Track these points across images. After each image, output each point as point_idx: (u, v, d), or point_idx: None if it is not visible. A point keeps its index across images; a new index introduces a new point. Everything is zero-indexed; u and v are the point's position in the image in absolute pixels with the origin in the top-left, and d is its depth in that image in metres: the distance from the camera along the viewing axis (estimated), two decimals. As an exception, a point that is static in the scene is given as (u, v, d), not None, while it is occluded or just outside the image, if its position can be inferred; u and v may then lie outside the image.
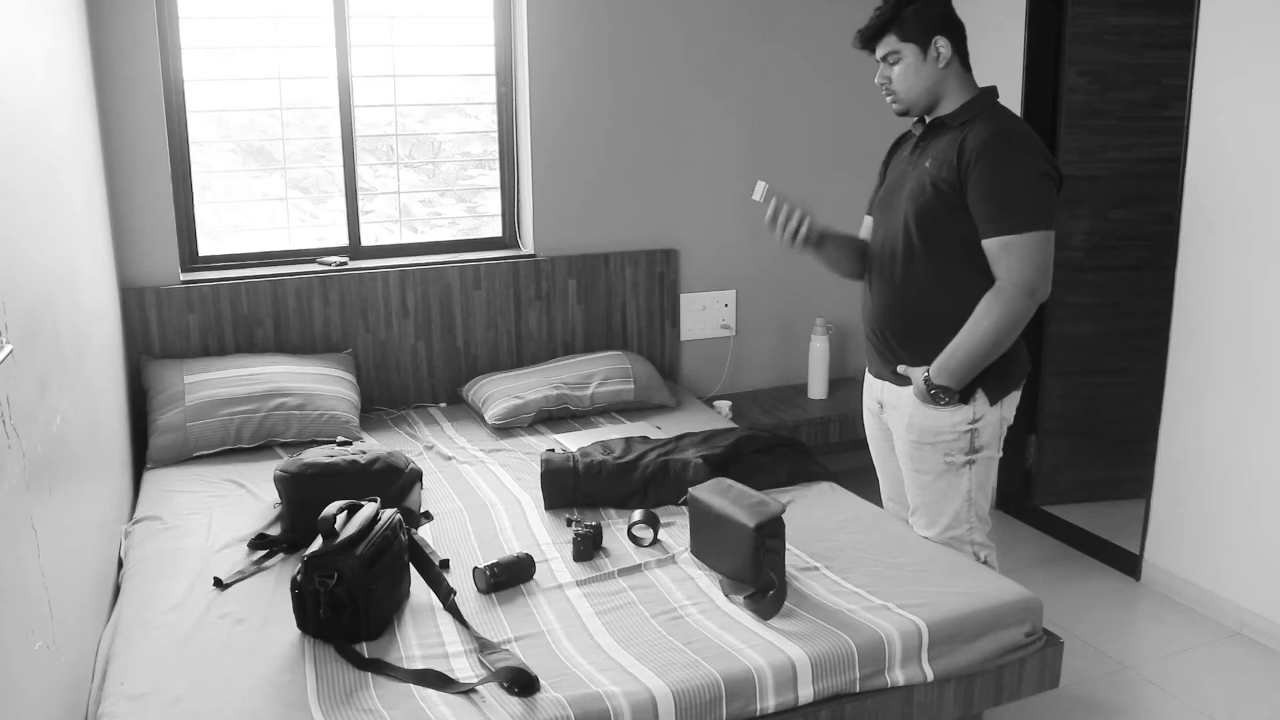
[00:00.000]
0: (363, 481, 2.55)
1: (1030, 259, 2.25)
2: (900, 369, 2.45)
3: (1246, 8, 2.88)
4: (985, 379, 2.37)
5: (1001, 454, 2.49)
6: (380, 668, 1.98)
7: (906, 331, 2.44)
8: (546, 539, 2.54)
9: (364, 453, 2.66)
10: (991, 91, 2.40)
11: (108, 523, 2.51)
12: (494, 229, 3.84)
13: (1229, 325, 3.02)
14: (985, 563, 2.52)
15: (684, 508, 2.52)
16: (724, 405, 3.80)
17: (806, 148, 4.03)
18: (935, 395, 2.36)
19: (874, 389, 2.61)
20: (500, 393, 3.42)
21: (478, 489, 2.86)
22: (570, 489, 2.72)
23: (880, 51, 2.39)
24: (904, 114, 2.45)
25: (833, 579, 2.32)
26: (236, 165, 3.54)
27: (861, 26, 2.41)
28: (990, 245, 2.28)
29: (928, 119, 2.43)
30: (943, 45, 2.33)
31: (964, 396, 2.37)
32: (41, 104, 2.21)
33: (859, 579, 2.31)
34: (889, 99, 2.43)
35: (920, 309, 2.41)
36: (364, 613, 2.06)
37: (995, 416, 2.41)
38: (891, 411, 2.53)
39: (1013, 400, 2.45)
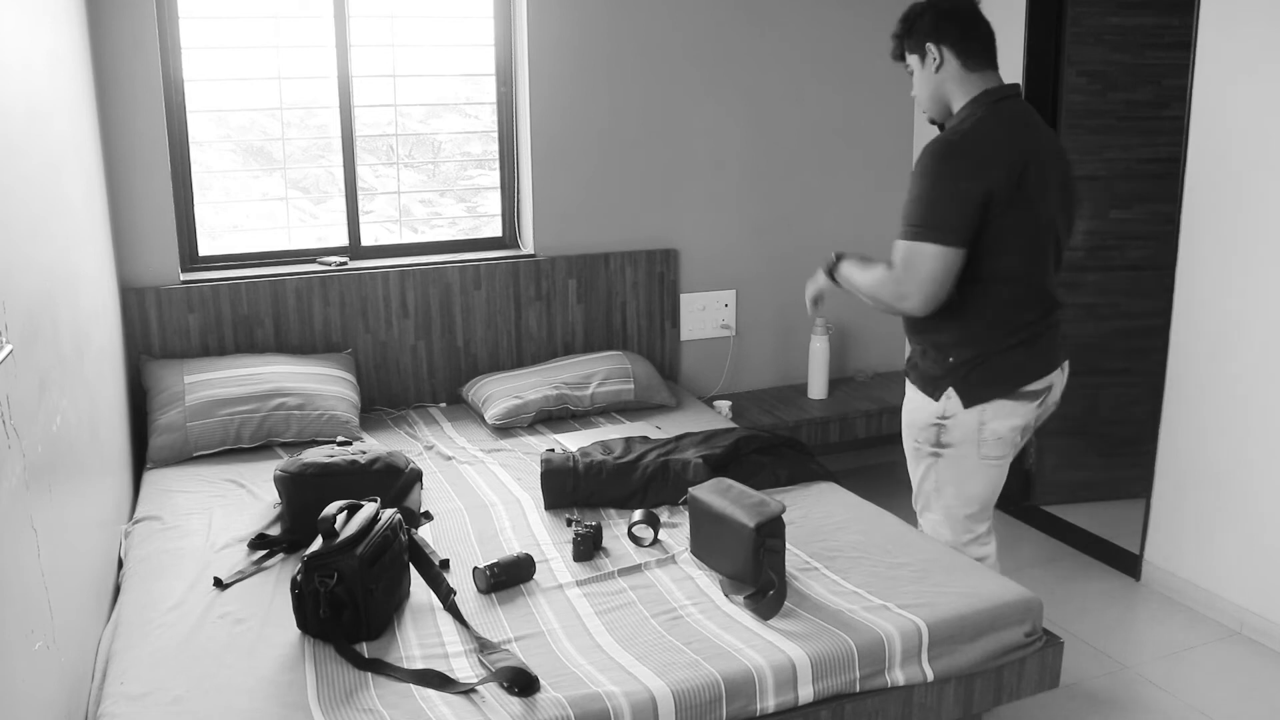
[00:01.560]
0: (363, 481, 2.55)
1: (911, 267, 2.29)
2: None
3: (1246, 8, 2.88)
4: (955, 378, 2.38)
5: (998, 460, 2.44)
6: (380, 668, 1.98)
7: (911, 329, 2.52)
8: (546, 539, 2.54)
9: (364, 453, 2.66)
10: (988, 94, 2.34)
11: (108, 523, 2.51)
12: (494, 229, 3.84)
13: (1229, 325, 3.02)
14: None
15: (684, 508, 2.52)
16: (724, 405, 3.80)
17: (806, 148, 4.02)
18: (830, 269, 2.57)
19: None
20: (500, 393, 3.42)
21: (478, 489, 2.86)
22: (570, 489, 2.72)
23: (906, 64, 2.48)
24: (932, 122, 2.51)
25: (833, 579, 2.32)
26: (236, 165, 3.54)
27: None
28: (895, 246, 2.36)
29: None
30: (934, 52, 2.37)
31: (934, 393, 2.42)
32: (41, 104, 2.21)
33: (859, 579, 2.31)
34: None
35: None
36: (364, 613, 2.06)
37: (971, 420, 2.39)
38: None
39: (1001, 409, 2.38)
